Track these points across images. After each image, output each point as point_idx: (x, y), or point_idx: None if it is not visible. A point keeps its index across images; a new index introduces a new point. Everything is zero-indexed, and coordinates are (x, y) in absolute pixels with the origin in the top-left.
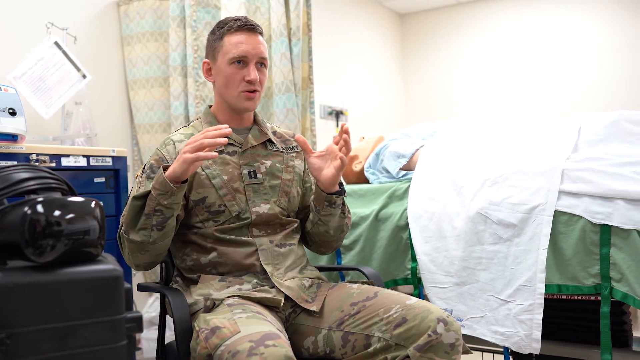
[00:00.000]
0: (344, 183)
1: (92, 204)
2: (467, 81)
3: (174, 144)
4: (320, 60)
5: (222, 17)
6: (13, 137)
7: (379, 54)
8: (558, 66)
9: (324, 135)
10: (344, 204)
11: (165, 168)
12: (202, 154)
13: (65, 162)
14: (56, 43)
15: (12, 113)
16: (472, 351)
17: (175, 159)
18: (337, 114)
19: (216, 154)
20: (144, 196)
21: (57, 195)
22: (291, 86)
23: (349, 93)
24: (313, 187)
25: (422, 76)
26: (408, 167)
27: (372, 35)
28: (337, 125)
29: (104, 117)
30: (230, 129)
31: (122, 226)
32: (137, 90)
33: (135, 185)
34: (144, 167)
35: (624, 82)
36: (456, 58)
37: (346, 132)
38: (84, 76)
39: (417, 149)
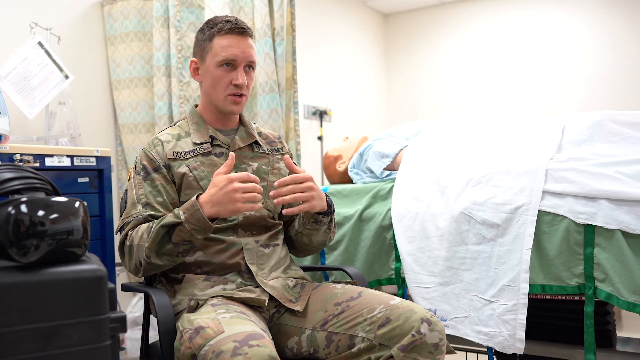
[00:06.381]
0: (332, 205)
1: (76, 204)
2: (451, 81)
3: (162, 144)
4: (304, 60)
5: (206, 17)
6: None
7: (363, 54)
8: (542, 66)
9: (308, 135)
10: (331, 220)
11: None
12: (257, 205)
13: (49, 162)
14: (40, 43)
15: None
16: (456, 351)
17: (163, 159)
18: (321, 114)
19: (260, 205)
20: (172, 225)
21: (41, 195)
22: (275, 86)
23: (332, 93)
24: None
25: (406, 76)
26: (392, 167)
27: (356, 36)
28: (321, 125)
29: (87, 117)
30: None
31: (127, 239)
32: (121, 90)
33: (130, 186)
34: (135, 168)
35: (608, 82)
36: (440, 58)
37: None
38: (67, 77)
39: (401, 149)
